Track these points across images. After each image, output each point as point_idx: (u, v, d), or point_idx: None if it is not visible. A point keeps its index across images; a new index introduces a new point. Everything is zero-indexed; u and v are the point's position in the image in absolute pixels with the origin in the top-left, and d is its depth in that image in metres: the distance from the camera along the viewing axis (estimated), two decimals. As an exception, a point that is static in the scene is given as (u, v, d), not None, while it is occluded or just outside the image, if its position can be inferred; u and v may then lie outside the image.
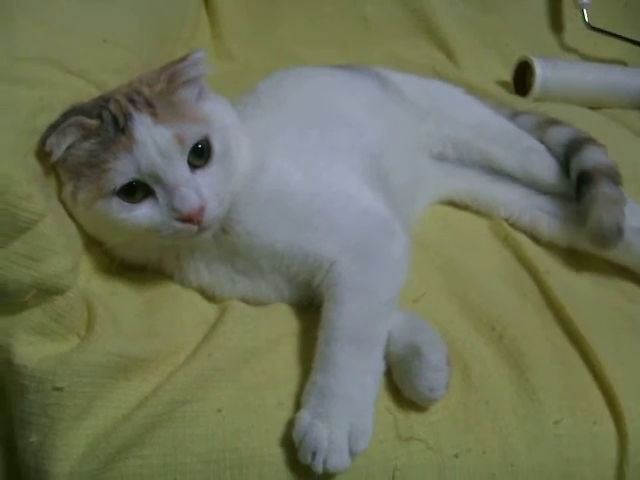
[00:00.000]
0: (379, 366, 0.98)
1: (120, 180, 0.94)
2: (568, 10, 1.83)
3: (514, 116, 1.50)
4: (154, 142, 0.94)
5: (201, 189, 0.96)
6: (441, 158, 1.44)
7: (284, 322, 1.07)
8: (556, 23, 1.85)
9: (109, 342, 0.92)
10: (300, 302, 1.10)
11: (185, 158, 0.97)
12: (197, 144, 0.98)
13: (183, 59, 1.01)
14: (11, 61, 0.96)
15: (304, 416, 0.91)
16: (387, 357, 0.99)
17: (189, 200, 0.94)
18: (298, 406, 0.95)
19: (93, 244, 1.04)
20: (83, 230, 1.02)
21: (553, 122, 1.46)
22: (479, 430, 0.97)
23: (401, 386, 0.99)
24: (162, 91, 1.00)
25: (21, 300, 0.89)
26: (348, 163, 1.15)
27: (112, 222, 0.97)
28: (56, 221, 0.92)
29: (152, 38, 1.38)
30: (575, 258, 1.31)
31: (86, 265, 1.02)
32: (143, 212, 0.96)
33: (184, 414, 0.92)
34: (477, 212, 1.40)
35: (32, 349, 0.89)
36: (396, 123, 1.31)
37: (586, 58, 1.83)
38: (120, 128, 0.95)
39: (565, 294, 1.18)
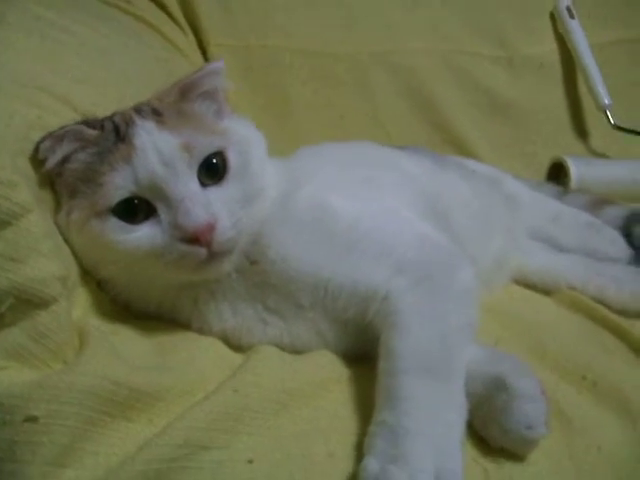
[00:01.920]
0: (461, 400, 0.73)
1: (116, 194, 0.77)
2: (590, 115, 1.76)
3: (562, 195, 1.40)
4: (156, 149, 0.77)
5: (211, 205, 0.78)
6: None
7: (329, 367, 0.82)
8: (580, 129, 1.77)
9: (104, 366, 0.68)
10: (346, 350, 0.86)
11: (194, 172, 0.79)
12: (210, 158, 0.81)
13: (198, 70, 0.87)
14: (14, 84, 0.83)
15: (371, 463, 0.66)
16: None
17: (195, 215, 0.76)
18: (355, 458, 0.70)
19: (92, 283, 0.83)
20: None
21: (607, 201, 1.37)
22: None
23: (487, 433, 0.74)
24: (173, 102, 0.85)
25: (-6, 313, 0.67)
26: (399, 197, 0.97)
27: (106, 245, 0.78)
28: (45, 221, 0.73)
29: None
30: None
31: (82, 300, 0.80)
32: (142, 233, 0.77)
33: (202, 464, 0.66)
34: (535, 286, 1.19)
35: (3, 375, 0.66)
36: (455, 189, 1.15)
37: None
38: (121, 137, 0.79)
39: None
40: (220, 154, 0.82)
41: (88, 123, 0.82)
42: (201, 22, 1.60)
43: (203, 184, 0.80)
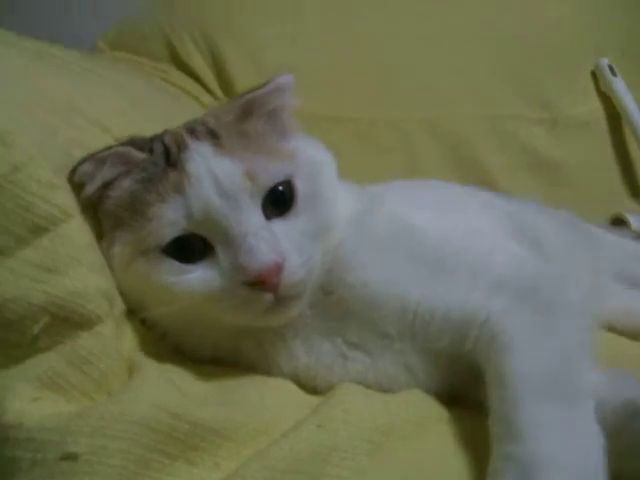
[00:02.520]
0: (594, 425, 0.57)
1: (168, 232, 0.64)
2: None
3: (636, 238, 1.28)
4: (213, 177, 0.65)
5: (278, 240, 0.65)
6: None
7: (424, 405, 0.67)
8: (633, 186, 1.65)
9: (161, 394, 0.54)
10: (438, 388, 0.71)
11: (258, 203, 0.67)
12: (277, 187, 0.68)
13: (263, 85, 0.75)
14: (56, 108, 0.75)
15: None
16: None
17: (260, 254, 0.62)
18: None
19: (136, 320, 0.70)
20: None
21: None
22: None
23: (625, 467, 0.58)
24: (233, 121, 0.73)
25: (27, 335, 0.54)
26: (485, 219, 0.85)
27: (156, 286, 0.65)
28: (88, 230, 0.61)
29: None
30: None
31: (129, 335, 0.67)
32: (197, 275, 0.65)
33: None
34: (620, 329, 1.03)
35: (34, 407, 0.52)
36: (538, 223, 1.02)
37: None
38: (171, 162, 0.68)
39: None
40: (287, 182, 0.69)
41: (135, 143, 0.71)
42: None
43: (267, 217, 0.67)
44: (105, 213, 0.69)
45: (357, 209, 0.76)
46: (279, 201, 0.68)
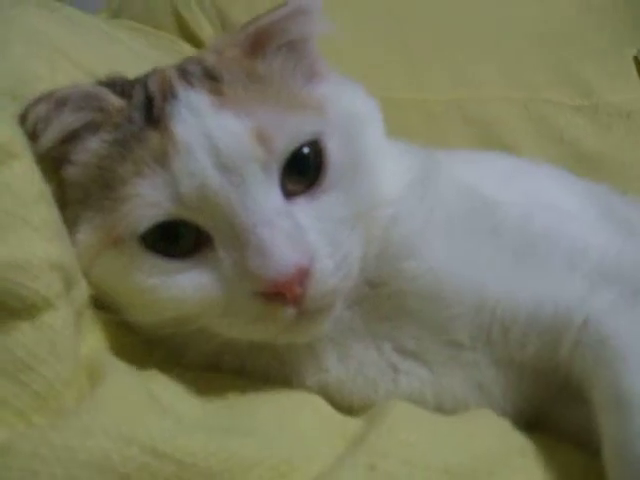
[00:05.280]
0: None
1: (146, 217, 0.44)
2: None
3: None
4: (210, 143, 0.45)
5: (303, 231, 0.46)
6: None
7: (503, 433, 0.47)
8: None
9: (131, 418, 0.34)
10: (516, 411, 0.52)
11: (274, 177, 0.46)
12: (300, 149, 0.48)
13: (279, 7, 0.52)
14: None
15: None
16: None
17: (277, 254, 0.43)
18: None
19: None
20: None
21: None
22: None
23: None
24: (239, 58, 0.52)
25: None
26: (575, 196, 0.66)
27: (131, 287, 0.46)
28: (38, 180, 0.42)
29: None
30: None
31: (94, 334, 0.46)
32: (189, 277, 0.45)
33: None
34: None
35: None
36: None
37: None
38: (154, 119, 0.47)
39: None
40: (314, 143, 0.49)
41: (115, 85, 0.50)
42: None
43: (286, 194, 0.47)
44: (67, 181, 0.49)
45: (413, 176, 0.56)
46: (303, 170, 0.48)
